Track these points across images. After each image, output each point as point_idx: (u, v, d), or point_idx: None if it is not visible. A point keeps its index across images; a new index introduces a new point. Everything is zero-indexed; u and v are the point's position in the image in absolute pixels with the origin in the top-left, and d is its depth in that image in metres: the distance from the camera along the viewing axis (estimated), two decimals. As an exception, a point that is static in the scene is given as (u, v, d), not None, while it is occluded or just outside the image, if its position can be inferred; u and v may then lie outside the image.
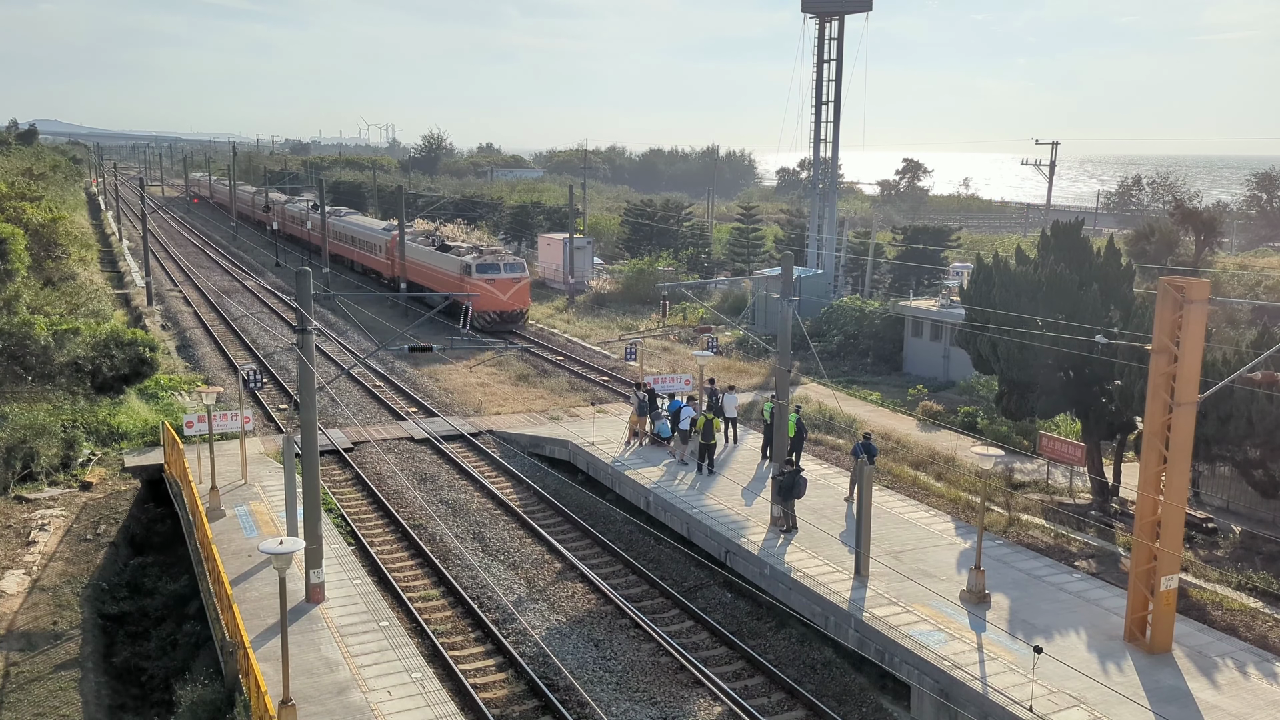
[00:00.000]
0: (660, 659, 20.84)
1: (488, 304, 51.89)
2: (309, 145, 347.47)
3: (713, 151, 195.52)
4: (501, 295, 52.28)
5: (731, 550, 24.23)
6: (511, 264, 53.45)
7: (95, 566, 25.59)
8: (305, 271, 20.27)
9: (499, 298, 52.25)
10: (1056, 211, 72.96)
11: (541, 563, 25.60)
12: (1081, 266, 27.72)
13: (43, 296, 46.21)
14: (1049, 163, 76.51)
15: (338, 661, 18.86)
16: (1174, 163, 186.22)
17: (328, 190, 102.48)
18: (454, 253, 55.35)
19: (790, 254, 26.38)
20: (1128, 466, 27.36)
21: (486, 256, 53.51)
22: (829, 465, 30.46)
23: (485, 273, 52.16)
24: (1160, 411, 18.70)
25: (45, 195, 73.25)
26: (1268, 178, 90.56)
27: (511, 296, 52.76)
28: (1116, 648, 19.28)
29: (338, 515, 27.88)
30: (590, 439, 32.60)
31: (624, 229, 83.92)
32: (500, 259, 53.49)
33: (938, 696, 18.14)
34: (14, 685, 20.13)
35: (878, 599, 21.11)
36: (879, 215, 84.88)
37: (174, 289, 67.50)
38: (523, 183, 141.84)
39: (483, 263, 52.54)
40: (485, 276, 52.01)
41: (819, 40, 54.37)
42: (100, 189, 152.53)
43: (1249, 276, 51.41)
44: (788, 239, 69.32)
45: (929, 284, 54.28)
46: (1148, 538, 19.03)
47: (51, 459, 30.64)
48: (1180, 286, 18.27)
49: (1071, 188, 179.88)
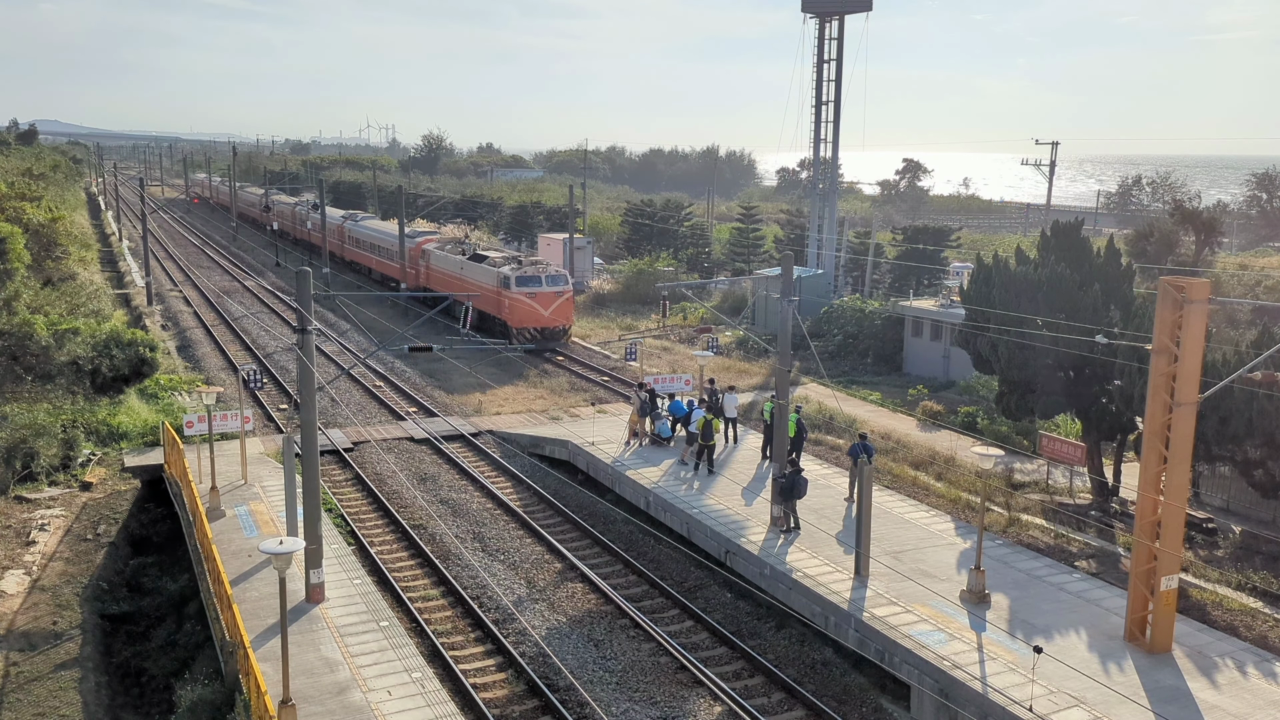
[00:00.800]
0: (660, 659, 20.83)
1: (528, 319, 47.90)
2: (309, 145, 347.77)
3: (713, 151, 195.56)
4: (543, 310, 48.01)
5: (731, 550, 24.23)
6: (554, 275, 49.03)
7: (95, 566, 25.58)
8: (305, 271, 20.27)
9: (540, 313, 48.01)
10: (1056, 211, 72.95)
11: (541, 563, 25.60)
12: (1081, 266, 27.72)
13: (42, 296, 46.19)
14: (1049, 163, 76.52)
15: (338, 661, 18.86)
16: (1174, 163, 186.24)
17: (328, 190, 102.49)
18: (489, 263, 51.26)
19: (790, 254, 26.38)
20: (1128, 466, 27.37)
21: (527, 268, 49.00)
22: (829, 465, 30.45)
23: (526, 286, 47.90)
24: (1160, 411, 18.70)
25: (45, 195, 73.24)
26: (1268, 178, 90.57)
27: (554, 312, 48.27)
28: (1116, 648, 19.27)
29: (338, 515, 27.89)
30: (590, 439, 32.60)
31: (624, 229, 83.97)
32: (542, 270, 48.95)
33: (938, 696, 18.14)
34: (14, 685, 20.13)
35: (878, 599, 21.10)
36: (879, 215, 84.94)
37: (174, 289, 67.51)
38: (523, 183, 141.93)
39: (523, 274, 48.25)
40: (526, 290, 47.81)
41: (819, 40, 54.46)
42: (100, 189, 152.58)
43: (1249, 276, 51.41)
44: (788, 239, 69.34)
45: (929, 284, 54.27)
46: (1148, 538, 19.02)
47: (51, 459, 30.64)
48: (1180, 286, 18.27)
49: (1070, 188, 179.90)
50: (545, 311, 48.16)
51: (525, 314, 47.94)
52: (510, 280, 48.01)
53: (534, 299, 47.98)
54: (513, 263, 50.27)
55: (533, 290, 48.04)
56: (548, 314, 48.24)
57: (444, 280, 55.63)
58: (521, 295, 47.91)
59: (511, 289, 47.98)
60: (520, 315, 47.90)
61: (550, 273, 49.14)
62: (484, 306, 49.51)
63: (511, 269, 48.92)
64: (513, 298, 48.03)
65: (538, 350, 47.60)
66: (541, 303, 48.10)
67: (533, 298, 47.98)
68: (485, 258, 52.70)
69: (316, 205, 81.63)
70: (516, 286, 47.90)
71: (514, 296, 47.99)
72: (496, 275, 49.16)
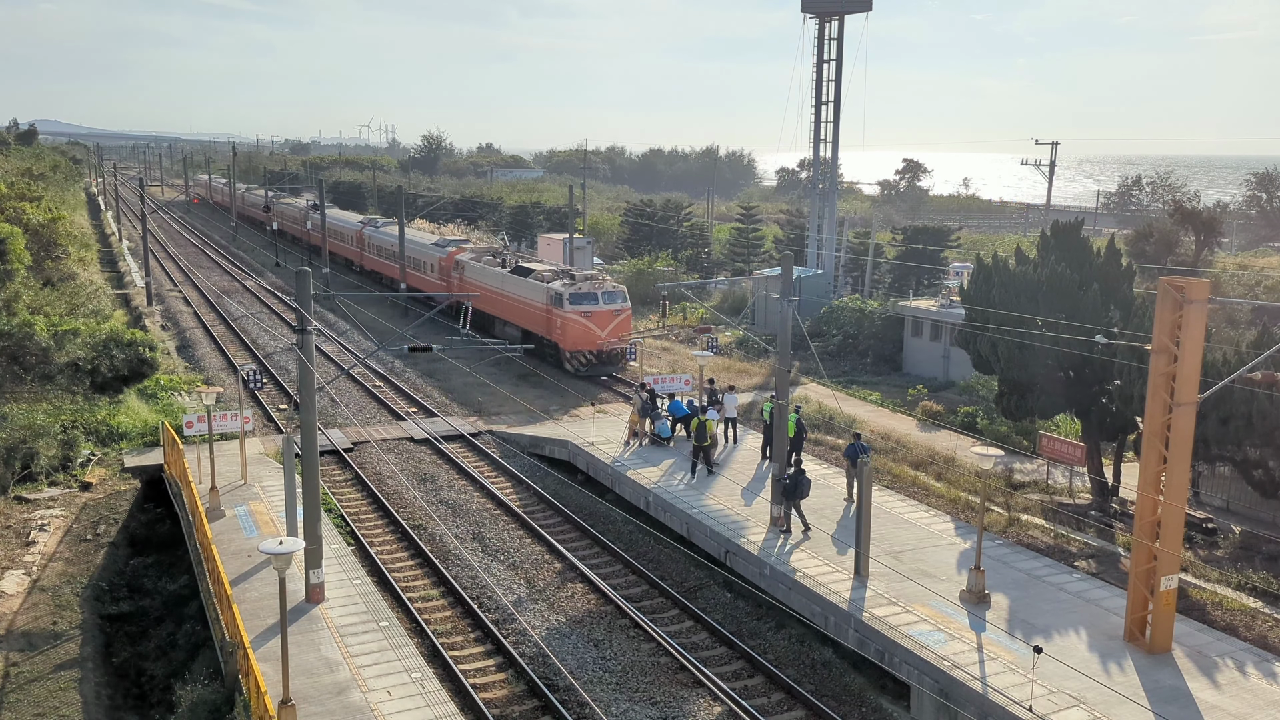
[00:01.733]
0: (660, 659, 20.84)
1: (582, 342, 42.40)
2: (309, 145, 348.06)
3: (712, 151, 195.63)
4: (599, 331, 42.37)
5: (731, 550, 24.23)
6: (611, 292, 43.21)
7: (95, 567, 25.58)
8: (305, 271, 20.27)
9: (596, 334, 42.39)
10: (1056, 211, 72.97)
11: (541, 563, 25.60)
12: (1081, 267, 27.72)
13: (42, 296, 46.21)
14: (1049, 163, 76.52)
15: (337, 661, 18.85)
16: (1174, 163, 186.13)
17: (327, 191, 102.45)
18: (535, 277, 45.44)
19: (790, 254, 26.37)
20: (1128, 466, 27.36)
21: (581, 284, 43.19)
22: (829, 465, 30.45)
23: (580, 303, 42.17)
24: (1160, 411, 18.70)
25: (45, 195, 73.26)
26: (1268, 177, 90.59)
27: (611, 332, 42.62)
28: (1116, 648, 19.27)
29: (337, 515, 27.89)
30: (590, 439, 32.60)
31: (624, 229, 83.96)
32: (598, 286, 43.17)
33: (937, 696, 18.14)
34: (14, 685, 20.12)
35: (878, 599, 21.10)
36: (879, 215, 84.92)
37: (174, 289, 67.50)
38: (522, 183, 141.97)
39: (577, 291, 42.52)
40: (580, 309, 42.09)
41: (819, 40, 54.46)
42: (100, 189, 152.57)
43: (1249, 276, 51.43)
44: (787, 239, 69.37)
45: (929, 284, 54.29)
46: (1148, 538, 19.02)
47: (51, 459, 30.64)
48: (1180, 286, 18.27)
49: (1069, 188, 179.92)
50: (602, 332, 42.59)
51: (579, 336, 42.40)
52: (563, 298, 42.30)
53: (589, 318, 42.28)
54: (564, 277, 44.41)
55: (588, 309, 42.29)
56: (604, 334, 42.64)
57: (482, 295, 49.65)
58: (575, 314, 42.19)
59: (564, 307, 42.22)
60: (574, 337, 42.42)
61: (607, 288, 43.40)
62: (530, 325, 45.24)
63: (564, 284, 43.18)
64: (565, 317, 42.32)
65: (588, 376, 42.87)
66: (598, 322, 42.46)
67: (588, 317, 42.25)
68: (530, 271, 46.91)
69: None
70: (570, 305, 42.13)
71: (567, 316, 42.25)
72: (546, 291, 43.69)
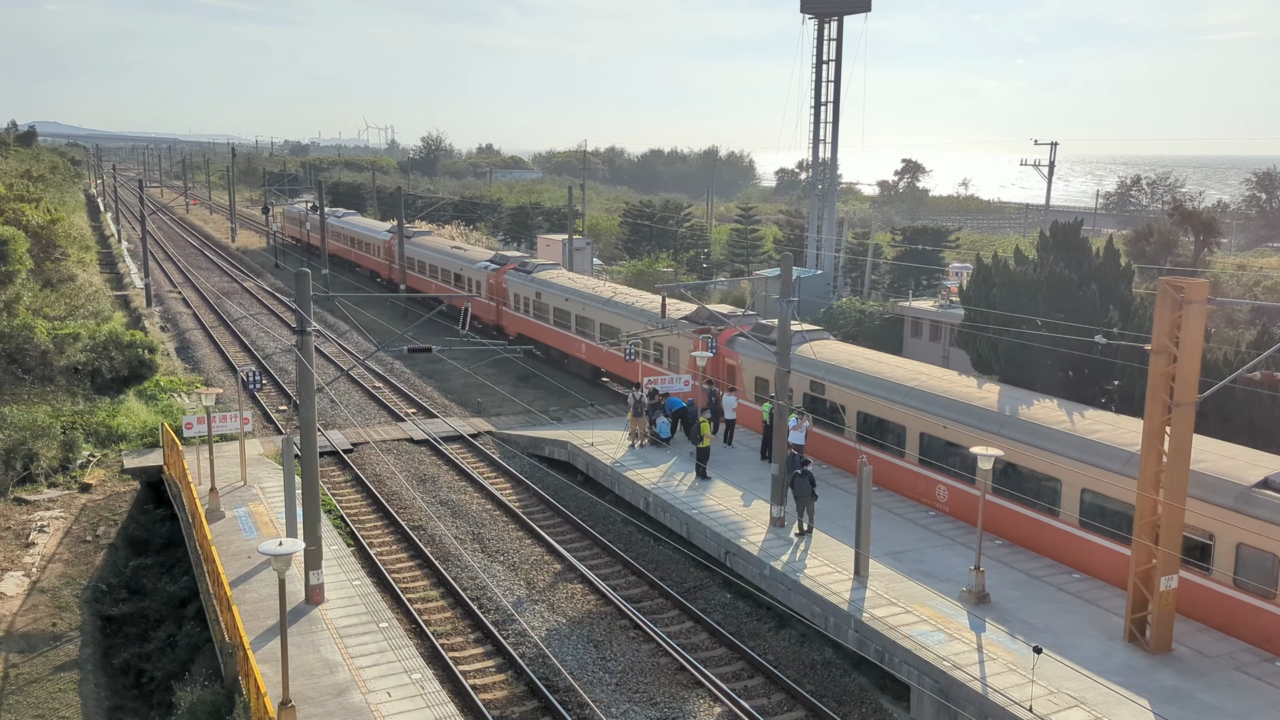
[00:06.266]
0: (660, 660, 20.83)
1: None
2: (308, 146, 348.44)
3: (712, 152, 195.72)
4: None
5: (731, 551, 24.22)
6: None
7: (95, 568, 25.58)
8: (304, 272, 20.27)
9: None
10: (1055, 212, 73.04)
11: (541, 564, 25.59)
12: (1080, 267, 27.75)
13: (42, 298, 46.23)
14: (1048, 163, 76.53)
15: (337, 663, 18.85)
16: (1173, 163, 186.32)
17: (327, 191, 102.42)
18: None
19: (789, 255, 26.37)
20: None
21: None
22: (828, 465, 30.41)
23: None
24: (1160, 411, 18.70)
25: (44, 197, 73.26)
26: (1267, 177, 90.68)
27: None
28: (1116, 648, 19.27)
29: (337, 516, 27.89)
30: (590, 440, 32.58)
31: (623, 230, 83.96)
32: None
33: (937, 697, 18.14)
34: (14, 686, 20.12)
35: (877, 599, 21.10)
36: (878, 216, 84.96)
37: (173, 290, 67.48)
38: (522, 184, 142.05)
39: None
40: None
41: (818, 41, 54.45)
42: (99, 190, 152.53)
43: (1248, 276, 51.46)
44: (787, 240, 69.36)
45: (928, 284, 54.28)
46: (1148, 538, 19.03)
47: (51, 460, 30.64)
48: (1179, 287, 18.27)
49: (1067, 189, 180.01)
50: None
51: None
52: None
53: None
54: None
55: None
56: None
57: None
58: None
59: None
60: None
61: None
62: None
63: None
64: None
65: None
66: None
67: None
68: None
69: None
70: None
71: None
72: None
